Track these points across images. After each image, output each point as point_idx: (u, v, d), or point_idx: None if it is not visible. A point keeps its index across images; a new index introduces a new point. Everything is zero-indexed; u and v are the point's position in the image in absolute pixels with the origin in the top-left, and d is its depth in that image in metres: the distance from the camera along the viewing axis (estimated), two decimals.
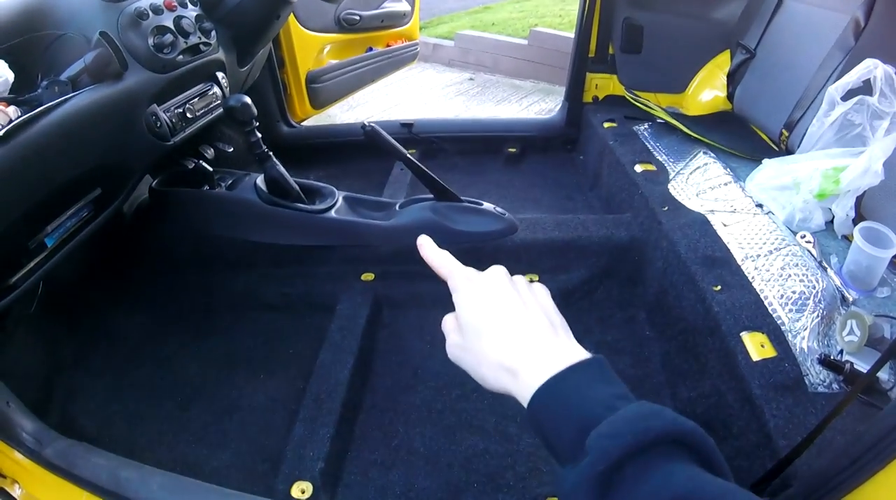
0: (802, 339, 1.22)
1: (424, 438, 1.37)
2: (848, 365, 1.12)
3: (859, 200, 1.51)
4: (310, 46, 2.47)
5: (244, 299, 1.75)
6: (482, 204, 1.74)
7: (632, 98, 2.35)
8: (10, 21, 1.21)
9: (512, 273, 0.56)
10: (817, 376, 1.14)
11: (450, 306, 1.71)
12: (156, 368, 1.58)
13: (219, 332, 1.68)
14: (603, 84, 2.55)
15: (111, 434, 1.39)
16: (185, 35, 1.51)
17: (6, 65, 1.14)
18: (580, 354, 0.46)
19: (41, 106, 1.12)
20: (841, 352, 1.18)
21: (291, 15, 2.28)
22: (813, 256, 1.44)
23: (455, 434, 1.37)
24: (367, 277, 1.73)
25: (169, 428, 1.42)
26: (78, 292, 1.72)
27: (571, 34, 4.79)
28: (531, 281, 0.56)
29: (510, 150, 2.57)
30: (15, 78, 1.15)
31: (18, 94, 1.16)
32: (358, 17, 2.60)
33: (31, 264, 1.25)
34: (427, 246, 0.58)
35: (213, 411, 1.46)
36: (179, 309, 1.75)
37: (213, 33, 1.63)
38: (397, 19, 2.86)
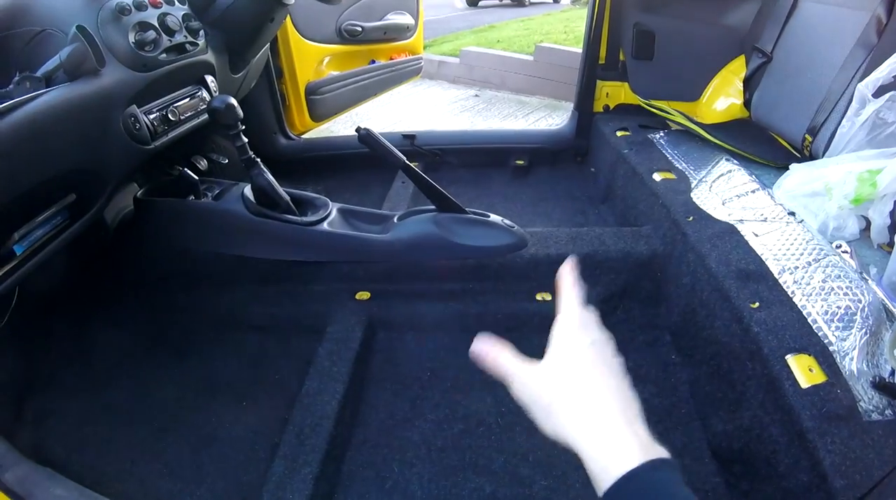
0: (851, 360, 1.10)
1: (423, 480, 1.24)
2: None
3: (893, 211, 1.41)
4: (309, 57, 2.42)
5: (228, 318, 1.67)
6: (489, 216, 1.62)
7: (646, 104, 2.27)
8: None
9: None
10: (870, 402, 1.02)
11: (453, 331, 1.56)
12: (132, 389, 1.51)
13: (200, 353, 1.60)
14: (614, 92, 2.48)
15: (81, 461, 1.31)
16: (170, 33, 1.44)
17: None
18: (658, 450, 0.45)
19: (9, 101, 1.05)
20: (892, 372, 1.06)
21: (291, 24, 2.24)
22: (852, 266, 1.34)
23: (458, 476, 1.25)
24: (362, 296, 1.64)
25: (141, 457, 1.33)
26: (54, 306, 1.65)
27: (577, 49, 4.81)
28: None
29: (518, 162, 2.51)
30: None
31: None
32: (360, 29, 2.56)
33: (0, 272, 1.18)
34: (567, 271, 0.58)
35: (190, 442, 1.36)
36: (160, 327, 1.68)
37: (202, 33, 1.56)
38: (401, 32, 2.83)
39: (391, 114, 4.49)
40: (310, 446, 1.20)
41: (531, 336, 1.50)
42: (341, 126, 3.92)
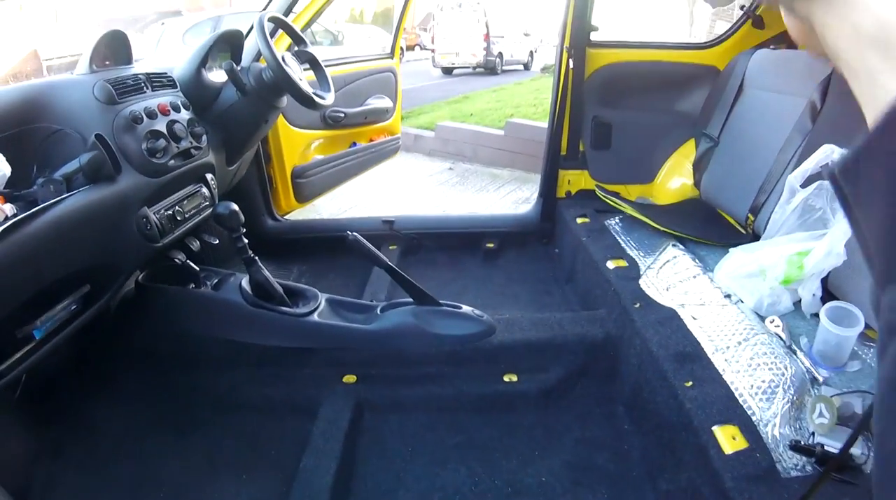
0: (774, 426, 1.24)
1: None
2: (819, 447, 1.15)
3: (825, 280, 1.55)
4: (296, 143, 2.55)
5: (227, 398, 1.74)
6: (461, 307, 1.79)
7: (602, 195, 2.43)
8: (8, 111, 1.26)
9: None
10: (790, 461, 1.17)
11: (431, 411, 1.71)
12: (136, 464, 1.54)
13: (201, 431, 1.65)
14: (575, 180, 2.66)
15: None
16: (178, 140, 1.57)
17: (3, 158, 1.16)
18: None
19: (36, 204, 1.16)
20: (813, 434, 1.21)
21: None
22: (782, 340, 1.48)
23: None
24: (349, 379, 1.74)
25: None
26: (60, 382, 1.70)
27: (544, 124, 5.02)
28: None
29: (488, 245, 2.62)
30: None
31: (13, 188, 1.19)
32: (343, 115, 2.71)
33: (19, 354, 1.25)
34: None
35: None
36: (162, 405, 1.73)
37: (204, 137, 1.69)
38: (380, 115, 2.98)
39: (370, 188, 4.63)
40: None
41: (500, 415, 1.66)
42: (322, 199, 4.04)
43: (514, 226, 2.71)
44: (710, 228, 2.14)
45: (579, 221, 2.41)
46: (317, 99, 1.84)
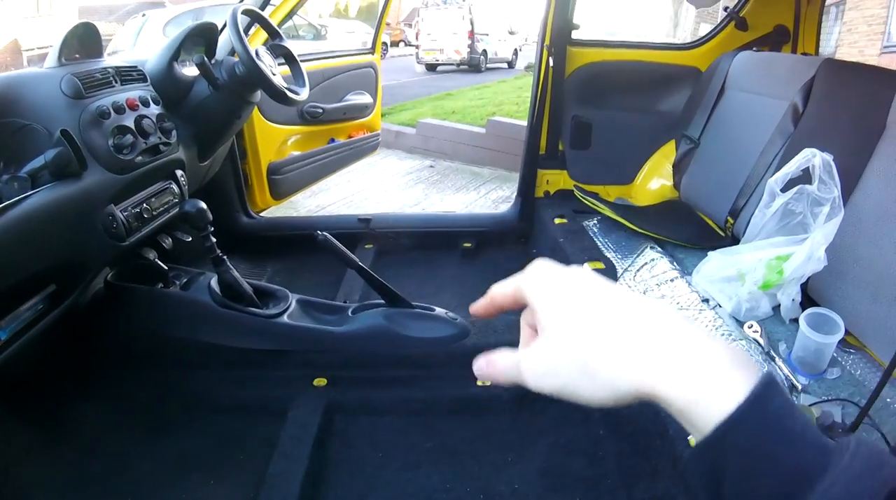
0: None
1: None
2: None
3: (805, 285, 1.54)
4: (272, 138, 2.51)
5: (198, 399, 1.71)
6: (434, 309, 1.77)
7: (580, 196, 2.42)
8: None
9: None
10: None
11: (403, 415, 1.67)
12: (107, 464, 1.52)
13: (170, 432, 1.63)
14: (554, 179, 2.64)
15: None
16: (146, 135, 1.53)
17: None
18: (747, 360, 0.34)
19: (0, 201, 1.13)
20: None
21: (255, 107, 2.32)
22: (761, 346, 1.46)
23: None
24: (320, 382, 1.71)
25: None
26: (30, 383, 1.66)
27: (526, 122, 5.03)
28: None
29: (465, 245, 2.60)
30: None
31: None
32: (321, 110, 2.68)
33: None
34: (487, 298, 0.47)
35: None
36: (133, 405, 1.70)
37: (174, 132, 1.65)
38: (359, 111, 2.96)
39: (349, 184, 4.60)
40: None
41: (473, 419, 1.64)
42: (300, 195, 4.01)
43: (491, 225, 2.69)
44: (689, 230, 2.13)
45: (557, 221, 2.40)
46: (290, 94, 1.80)
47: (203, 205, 1.60)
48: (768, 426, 0.30)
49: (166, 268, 1.76)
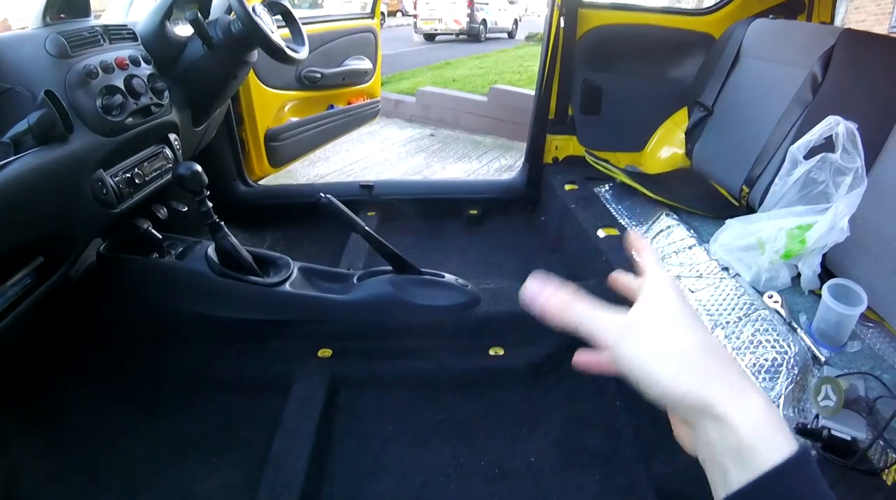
0: (777, 407, 1.18)
1: None
2: (826, 431, 1.09)
3: (825, 256, 1.50)
4: (270, 104, 2.44)
5: (195, 375, 1.65)
6: (444, 276, 1.71)
7: (592, 161, 2.36)
8: None
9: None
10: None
11: (412, 388, 1.59)
12: (102, 448, 1.46)
13: (168, 411, 1.57)
14: (563, 145, 2.58)
15: None
16: (136, 96, 1.46)
17: None
18: (783, 426, 0.35)
19: None
20: (817, 417, 1.14)
21: (252, 71, 2.26)
22: (782, 316, 1.43)
23: None
24: (324, 353, 1.66)
25: None
26: (19, 361, 1.61)
27: (529, 91, 4.94)
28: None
29: (471, 212, 2.56)
30: None
31: None
32: (319, 75, 2.60)
33: None
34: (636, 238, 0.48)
35: (164, 498, 1.35)
36: (127, 383, 1.64)
37: (167, 93, 1.58)
38: (359, 77, 2.87)
39: (348, 153, 4.52)
40: None
41: (485, 391, 1.58)
42: (298, 165, 3.93)
43: (498, 192, 2.64)
44: (702, 199, 2.07)
45: (567, 187, 2.34)
46: (289, 52, 1.71)
47: (198, 167, 1.52)
48: (810, 485, 0.32)
49: (161, 237, 1.70)
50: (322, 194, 1.61)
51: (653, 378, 0.37)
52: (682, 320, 0.38)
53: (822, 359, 1.29)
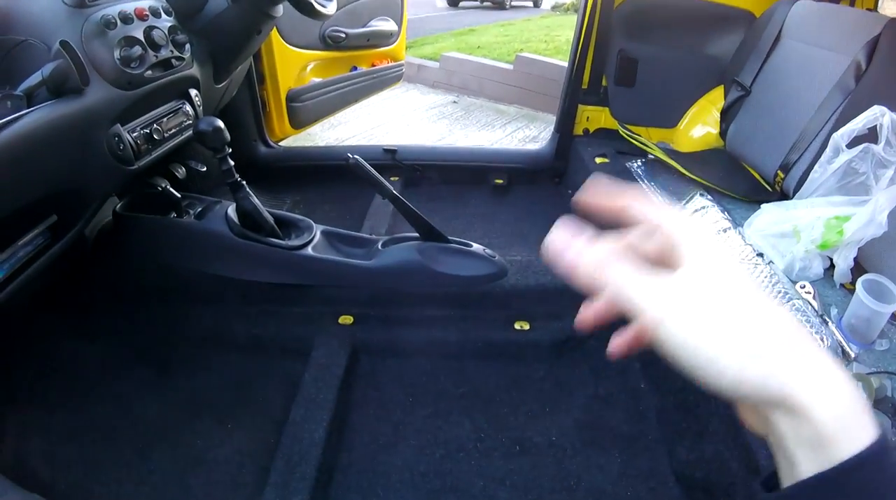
0: None
1: None
2: None
3: (857, 250, 1.46)
4: (292, 63, 2.38)
5: (211, 337, 1.63)
6: (471, 245, 1.65)
7: (626, 134, 2.28)
8: None
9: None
10: None
11: (434, 357, 1.53)
12: (114, 406, 1.45)
13: (182, 372, 1.55)
14: (594, 116, 2.50)
15: (66, 480, 1.28)
16: (156, 48, 1.39)
17: None
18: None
19: None
20: None
21: (274, 29, 2.19)
22: (814, 308, 1.38)
23: (439, 499, 1.26)
24: (345, 320, 1.63)
25: (128, 477, 1.29)
26: (33, 319, 1.60)
27: (556, 61, 4.81)
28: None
29: (497, 181, 2.50)
30: None
31: None
32: (344, 35, 2.52)
33: None
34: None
35: (176, 462, 1.33)
36: (141, 343, 1.63)
37: (188, 47, 1.51)
38: (384, 39, 2.79)
39: (370, 117, 4.45)
40: (300, 474, 1.21)
41: (508, 364, 1.55)
42: (319, 128, 3.88)
43: (524, 162, 2.56)
44: (736, 181, 2.00)
45: (598, 160, 2.27)
46: (317, 6, 1.64)
47: (220, 123, 1.47)
48: (888, 479, 0.29)
49: (179, 196, 1.65)
50: (350, 155, 1.56)
51: (713, 368, 0.30)
52: (744, 292, 0.31)
53: (852, 355, 1.24)
